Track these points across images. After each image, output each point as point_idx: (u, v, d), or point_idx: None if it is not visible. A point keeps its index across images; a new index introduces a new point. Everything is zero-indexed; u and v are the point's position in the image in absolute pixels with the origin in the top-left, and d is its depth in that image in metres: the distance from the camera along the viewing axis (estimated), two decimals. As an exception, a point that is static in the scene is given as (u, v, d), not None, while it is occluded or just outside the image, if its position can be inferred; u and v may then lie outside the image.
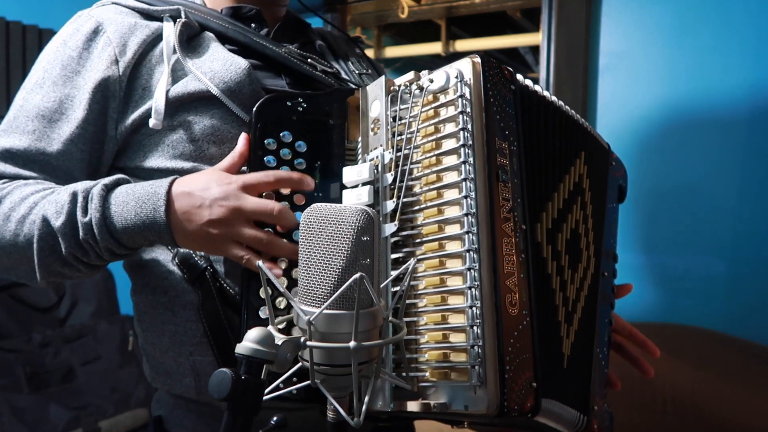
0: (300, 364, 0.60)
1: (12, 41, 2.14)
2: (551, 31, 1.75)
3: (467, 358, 0.66)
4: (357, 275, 0.54)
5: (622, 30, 1.70)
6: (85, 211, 0.74)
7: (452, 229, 0.69)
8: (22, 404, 1.99)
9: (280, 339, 0.55)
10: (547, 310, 0.76)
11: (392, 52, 2.90)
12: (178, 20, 0.84)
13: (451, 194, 0.69)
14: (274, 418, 0.67)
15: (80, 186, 0.76)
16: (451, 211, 0.69)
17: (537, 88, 0.79)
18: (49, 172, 0.81)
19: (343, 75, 0.96)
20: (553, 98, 0.82)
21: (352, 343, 0.55)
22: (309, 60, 0.90)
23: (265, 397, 0.57)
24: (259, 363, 0.54)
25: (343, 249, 0.57)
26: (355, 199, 0.74)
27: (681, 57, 1.63)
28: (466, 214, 0.68)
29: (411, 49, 2.92)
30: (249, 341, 0.54)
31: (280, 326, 0.65)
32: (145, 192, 0.74)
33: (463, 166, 0.68)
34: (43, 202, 0.76)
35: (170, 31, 0.84)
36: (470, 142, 0.69)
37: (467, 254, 0.67)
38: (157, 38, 0.85)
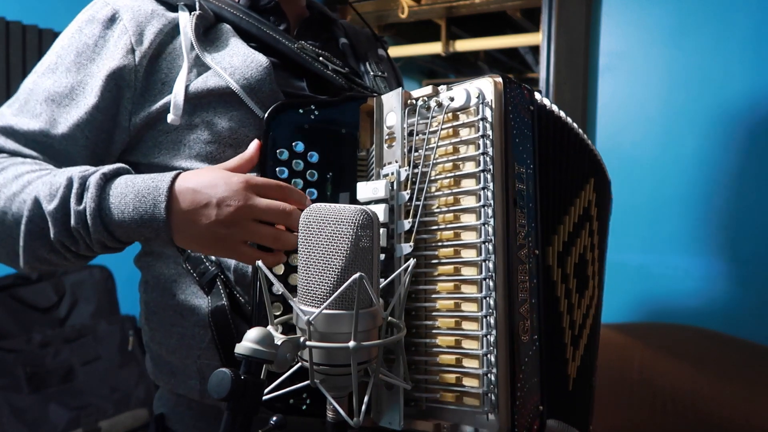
0: (299, 364, 0.60)
1: (12, 41, 2.14)
2: (551, 31, 1.74)
3: (479, 383, 0.66)
4: (356, 275, 0.54)
5: (622, 30, 1.70)
6: (80, 199, 0.71)
7: (469, 254, 0.69)
8: (22, 404, 1.99)
9: (279, 339, 0.55)
10: (555, 332, 0.76)
11: (392, 52, 2.89)
12: (193, 12, 0.82)
13: (468, 219, 0.69)
14: (274, 418, 0.67)
15: (77, 171, 0.73)
16: (468, 236, 0.69)
17: (554, 107, 0.78)
18: (50, 155, 0.79)
19: (357, 75, 0.94)
20: (568, 118, 0.81)
21: (351, 343, 0.55)
22: (320, 58, 0.88)
23: (264, 397, 0.57)
24: (259, 363, 0.54)
25: (343, 249, 0.57)
26: None
27: (681, 57, 1.63)
28: (484, 242, 0.67)
29: (411, 49, 2.92)
30: (248, 341, 0.54)
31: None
32: (145, 185, 0.71)
33: (482, 191, 0.68)
34: (38, 183, 0.73)
35: (186, 22, 0.82)
36: (490, 167, 0.68)
37: (484, 282, 0.67)
38: (174, 28, 0.83)
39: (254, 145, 0.76)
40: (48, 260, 0.75)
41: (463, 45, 2.70)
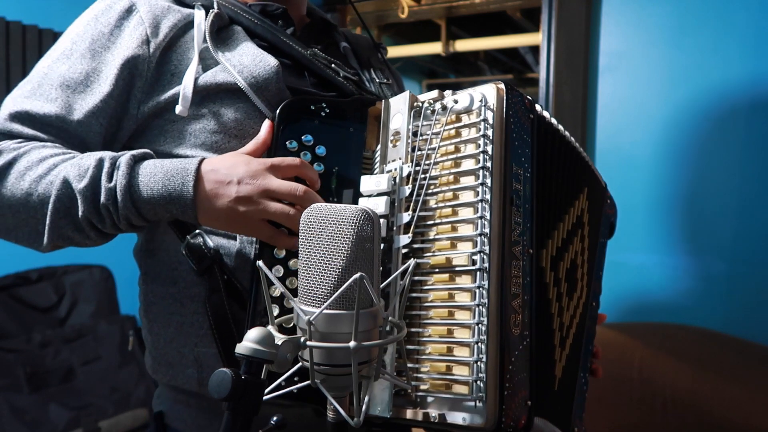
0: (300, 364, 0.60)
1: (12, 41, 2.14)
2: (551, 31, 1.75)
3: (469, 372, 0.68)
4: (357, 275, 0.54)
5: (622, 30, 1.70)
6: (111, 177, 0.75)
7: (464, 247, 0.71)
8: (22, 404, 1.99)
9: (280, 339, 0.55)
10: (545, 333, 0.78)
11: (392, 52, 2.90)
12: (210, 10, 0.86)
13: (465, 213, 0.71)
14: (274, 418, 0.67)
15: (107, 153, 0.77)
16: (465, 230, 0.71)
17: (553, 120, 0.82)
18: (65, 139, 0.82)
19: (365, 83, 0.98)
20: (565, 132, 0.85)
21: (352, 343, 0.55)
22: (333, 65, 0.92)
23: (264, 398, 0.57)
24: (259, 363, 0.54)
25: (343, 249, 0.57)
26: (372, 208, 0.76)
27: (681, 57, 1.63)
28: (480, 234, 0.69)
29: (411, 49, 2.92)
30: (249, 341, 0.54)
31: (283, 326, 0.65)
32: (174, 167, 0.76)
33: (480, 187, 0.70)
34: (64, 165, 0.76)
35: (201, 20, 0.85)
36: (488, 165, 0.71)
37: (477, 273, 0.69)
38: (188, 24, 0.86)
39: (266, 127, 0.80)
40: (71, 238, 0.78)
41: (463, 45, 2.70)
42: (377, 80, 1.01)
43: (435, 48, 2.70)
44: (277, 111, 0.80)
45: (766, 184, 1.54)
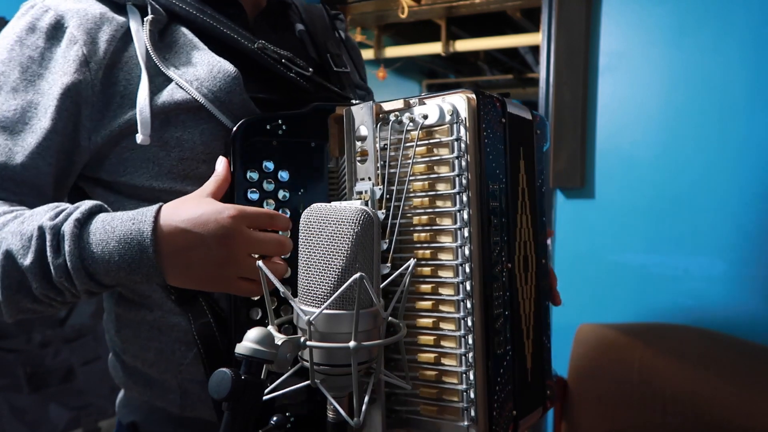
0: (300, 364, 0.60)
1: (12, 41, 2.14)
2: (551, 31, 1.74)
3: (459, 399, 0.68)
4: (357, 275, 0.54)
5: (622, 30, 1.70)
6: (58, 252, 0.65)
7: (446, 274, 0.69)
8: (22, 404, 1.99)
9: (279, 339, 0.55)
10: (518, 335, 0.75)
11: (392, 52, 2.90)
12: (146, 18, 0.75)
13: (445, 239, 0.69)
14: (274, 418, 0.67)
15: (46, 218, 0.66)
16: (445, 256, 0.68)
17: (517, 109, 0.76)
18: (10, 188, 0.72)
19: (320, 76, 0.87)
20: (518, 109, 0.77)
21: (351, 343, 0.55)
22: (283, 60, 0.81)
23: (264, 397, 0.57)
24: (259, 363, 0.54)
25: (343, 249, 0.57)
26: None
27: (681, 57, 1.63)
28: (461, 263, 0.67)
29: (411, 49, 2.93)
30: (249, 341, 0.54)
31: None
32: (126, 229, 0.65)
33: (458, 213, 0.68)
34: (5, 232, 0.67)
35: (138, 28, 0.75)
36: (466, 189, 0.67)
37: (461, 303, 0.68)
38: (126, 33, 0.75)
39: (222, 164, 0.72)
40: (33, 310, 0.70)
41: (463, 45, 2.70)
42: (335, 69, 0.91)
43: (435, 48, 2.70)
44: (231, 136, 0.71)
45: (766, 184, 1.54)
